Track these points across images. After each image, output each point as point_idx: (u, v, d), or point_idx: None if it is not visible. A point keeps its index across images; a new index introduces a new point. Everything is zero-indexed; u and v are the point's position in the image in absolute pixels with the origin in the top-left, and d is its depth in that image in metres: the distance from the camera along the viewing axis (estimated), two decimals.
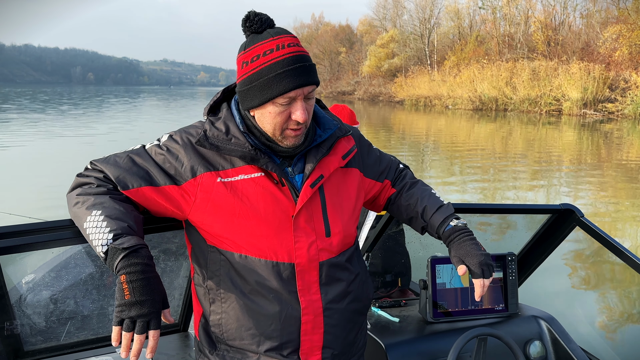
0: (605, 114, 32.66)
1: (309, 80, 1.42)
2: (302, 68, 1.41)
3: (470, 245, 1.65)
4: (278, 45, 1.41)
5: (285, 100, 1.41)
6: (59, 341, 2.19)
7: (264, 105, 1.43)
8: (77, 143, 18.83)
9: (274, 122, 1.44)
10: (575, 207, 2.49)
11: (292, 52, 1.41)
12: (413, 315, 2.47)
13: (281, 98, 1.40)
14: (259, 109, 1.45)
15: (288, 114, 1.43)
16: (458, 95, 44.31)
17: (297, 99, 1.42)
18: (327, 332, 1.55)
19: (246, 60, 1.44)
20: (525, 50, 44.76)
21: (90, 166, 1.51)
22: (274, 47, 1.41)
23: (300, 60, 1.41)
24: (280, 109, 1.42)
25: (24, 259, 2.28)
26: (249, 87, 1.43)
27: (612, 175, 13.35)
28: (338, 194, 1.59)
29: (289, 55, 1.40)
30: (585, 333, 3.90)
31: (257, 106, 1.44)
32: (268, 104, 1.42)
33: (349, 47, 79.55)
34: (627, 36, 33.81)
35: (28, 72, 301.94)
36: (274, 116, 1.43)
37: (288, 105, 1.42)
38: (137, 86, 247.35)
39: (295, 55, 1.41)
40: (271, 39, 1.42)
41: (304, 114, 1.42)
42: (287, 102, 1.41)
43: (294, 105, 1.42)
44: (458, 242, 1.66)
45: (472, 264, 1.62)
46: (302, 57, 1.42)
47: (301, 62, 1.41)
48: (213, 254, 1.52)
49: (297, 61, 1.41)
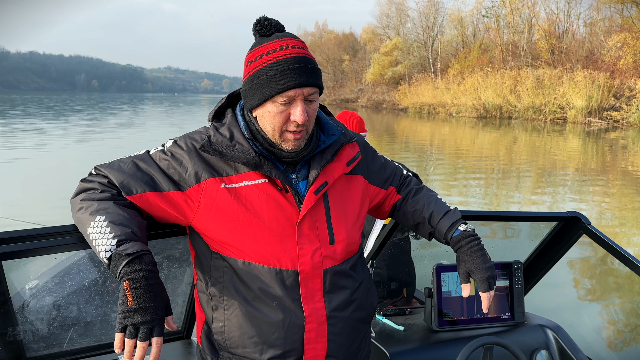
0: (610, 122, 32.61)
1: (310, 81, 1.41)
2: (304, 69, 1.41)
3: (478, 257, 1.64)
4: (282, 45, 1.42)
5: (285, 100, 1.41)
6: (61, 348, 2.18)
7: (264, 104, 1.43)
8: (80, 149, 18.89)
9: (273, 122, 1.43)
10: (582, 214, 2.47)
11: (295, 53, 1.42)
12: (418, 324, 2.45)
13: (280, 97, 1.40)
14: (259, 108, 1.45)
15: (287, 115, 1.43)
16: (462, 103, 44.33)
17: (297, 100, 1.42)
18: (330, 341, 1.53)
19: (250, 59, 1.46)
20: (529, 58, 44.80)
21: (94, 171, 1.51)
22: (277, 47, 1.42)
23: (303, 62, 1.42)
24: (279, 108, 1.42)
25: (27, 264, 2.28)
26: (251, 85, 1.44)
27: (618, 184, 13.30)
28: (342, 201, 1.58)
29: (292, 56, 1.41)
30: (593, 342, 3.87)
31: (257, 105, 1.44)
32: (268, 103, 1.43)
33: (352, 55, 79.81)
34: (632, 44, 33.83)
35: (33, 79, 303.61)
36: (273, 116, 1.43)
37: (288, 105, 1.42)
38: (141, 93, 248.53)
39: (298, 56, 1.42)
40: (277, 40, 1.44)
41: (303, 114, 1.41)
42: (287, 101, 1.41)
43: (293, 106, 1.42)
44: (467, 252, 1.65)
45: (479, 279, 1.63)
46: (305, 59, 1.43)
47: (303, 63, 1.41)
48: (216, 261, 1.51)
49: (299, 62, 1.41)
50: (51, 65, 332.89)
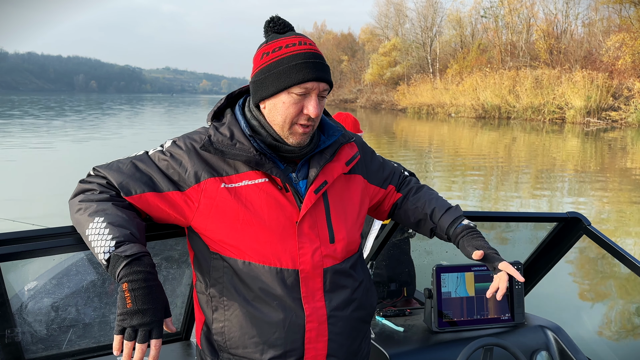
0: (609, 122, 32.65)
1: (326, 77, 1.46)
2: (321, 65, 1.45)
3: (482, 240, 1.66)
4: (300, 41, 1.47)
5: (301, 91, 1.43)
6: (60, 349, 2.17)
7: (278, 95, 1.44)
8: (79, 150, 18.88)
9: (286, 113, 1.44)
10: (582, 215, 2.47)
11: (313, 49, 1.47)
12: (418, 325, 2.45)
13: (297, 88, 1.42)
14: (272, 98, 1.46)
15: (301, 107, 1.45)
16: (461, 103, 44.35)
17: (312, 93, 1.44)
18: (331, 340, 1.53)
19: (267, 51, 1.47)
20: (527, 58, 44.86)
21: (93, 172, 1.51)
22: (296, 42, 1.46)
23: (320, 58, 1.47)
24: (294, 99, 1.43)
25: (25, 266, 2.27)
26: (267, 75, 1.45)
27: (617, 184, 13.31)
28: (342, 200, 1.59)
29: (311, 51, 1.45)
30: (593, 343, 3.87)
31: (272, 94, 1.45)
32: (283, 93, 1.44)
33: (351, 55, 79.86)
34: (630, 44, 33.87)
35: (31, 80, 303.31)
36: (287, 106, 1.44)
37: (302, 97, 1.44)
38: (139, 94, 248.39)
39: (316, 52, 1.47)
40: (294, 36, 1.48)
41: (317, 108, 1.44)
42: (303, 93, 1.43)
43: (307, 99, 1.44)
44: (469, 237, 1.67)
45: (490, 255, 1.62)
46: (321, 56, 1.48)
47: (320, 60, 1.46)
48: (216, 261, 1.51)
49: (317, 57, 1.46)
50: (49, 66, 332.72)
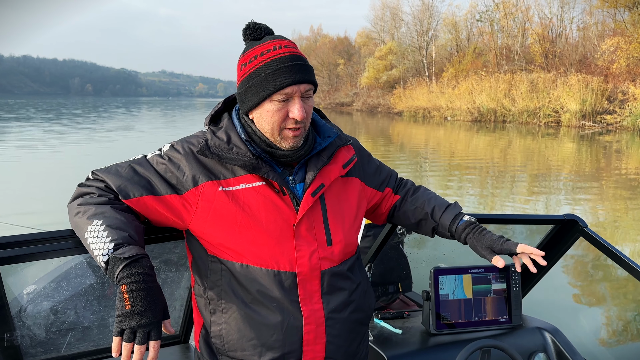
0: (604, 125, 32.74)
1: (305, 77, 1.43)
2: (298, 66, 1.43)
3: (490, 235, 1.71)
4: (275, 46, 1.44)
5: (282, 97, 1.42)
6: (59, 352, 2.16)
7: (261, 104, 1.44)
8: (78, 153, 18.82)
9: (272, 120, 1.44)
10: (578, 217, 2.48)
11: (289, 52, 1.44)
12: (416, 327, 2.45)
13: (277, 94, 1.41)
14: (257, 109, 1.46)
15: (285, 113, 1.44)
16: (457, 106, 44.41)
17: (294, 97, 1.43)
18: (329, 342, 1.54)
19: (244, 62, 1.47)
20: (523, 62, 44.96)
21: (91, 176, 1.51)
22: (270, 48, 1.44)
23: (297, 59, 1.44)
24: (277, 106, 1.43)
25: (24, 269, 2.27)
26: (247, 87, 1.45)
27: (612, 186, 13.35)
28: (339, 203, 1.59)
29: (285, 54, 1.43)
30: (590, 345, 3.87)
31: (255, 106, 1.45)
32: (265, 102, 1.43)
33: (347, 59, 79.88)
34: (625, 48, 33.98)
35: (27, 83, 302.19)
36: (271, 114, 1.44)
37: (285, 103, 1.43)
38: (135, 97, 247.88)
39: (292, 54, 1.44)
40: (269, 41, 1.46)
41: (301, 111, 1.43)
42: (284, 98, 1.42)
43: (291, 103, 1.44)
44: (477, 234, 1.71)
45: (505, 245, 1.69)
46: (299, 57, 1.45)
47: (297, 61, 1.44)
48: (214, 264, 1.51)
49: (293, 59, 1.43)
50: (45, 69, 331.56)
